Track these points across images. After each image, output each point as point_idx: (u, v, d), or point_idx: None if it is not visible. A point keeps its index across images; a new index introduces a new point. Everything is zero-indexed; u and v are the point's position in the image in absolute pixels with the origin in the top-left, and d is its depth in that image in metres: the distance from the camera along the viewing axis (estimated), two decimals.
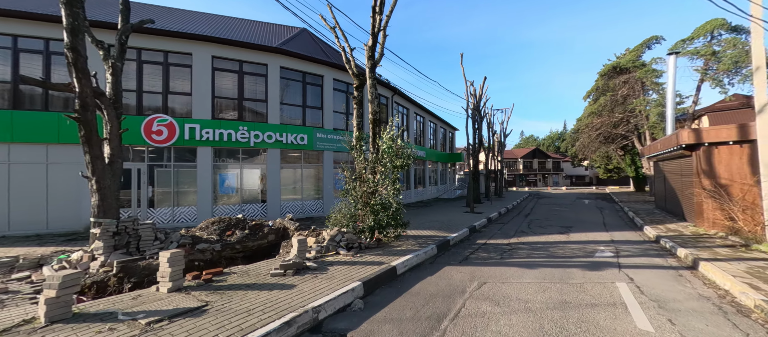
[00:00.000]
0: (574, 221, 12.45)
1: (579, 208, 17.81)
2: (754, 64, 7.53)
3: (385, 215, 6.62)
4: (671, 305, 3.98)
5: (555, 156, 64.53)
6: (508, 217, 14.06)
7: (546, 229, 10.49)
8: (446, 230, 9.12)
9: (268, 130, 12.63)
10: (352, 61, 8.31)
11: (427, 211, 15.25)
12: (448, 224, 10.59)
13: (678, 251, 6.80)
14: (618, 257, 6.62)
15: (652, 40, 30.69)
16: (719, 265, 5.44)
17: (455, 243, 7.95)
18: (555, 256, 6.66)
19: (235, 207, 12.42)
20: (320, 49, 15.99)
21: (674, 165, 13.01)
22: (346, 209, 6.89)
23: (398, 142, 7.02)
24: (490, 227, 10.93)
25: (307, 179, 14.18)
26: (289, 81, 13.70)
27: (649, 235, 9.35)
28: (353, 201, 6.84)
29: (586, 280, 5.01)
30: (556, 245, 7.74)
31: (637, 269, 5.67)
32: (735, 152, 9.20)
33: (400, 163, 6.88)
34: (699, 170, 9.86)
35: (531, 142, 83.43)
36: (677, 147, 10.66)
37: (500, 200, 22.42)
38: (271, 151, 12.88)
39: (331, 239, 6.15)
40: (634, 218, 12.71)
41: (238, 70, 12.58)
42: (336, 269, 4.86)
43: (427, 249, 6.42)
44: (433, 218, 12.10)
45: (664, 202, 15.27)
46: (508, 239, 8.60)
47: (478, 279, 5.01)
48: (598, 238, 8.82)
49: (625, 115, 29.64)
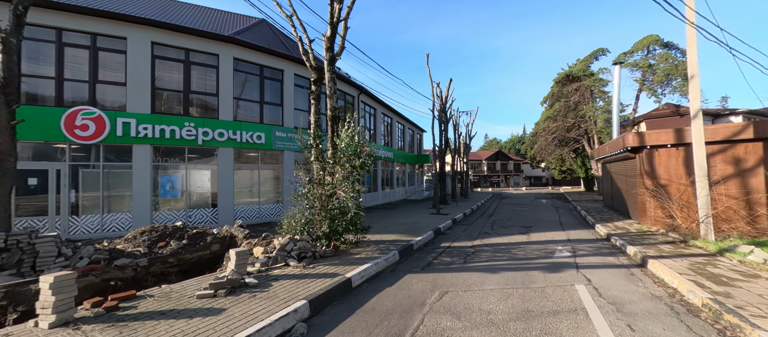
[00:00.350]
0: (534, 221, 12.83)
1: (538, 208, 18.61)
2: (690, 72, 8.15)
3: (343, 220, 6.08)
4: (628, 308, 3.94)
5: (516, 158, 68.16)
6: (472, 218, 14.18)
7: (508, 229, 10.62)
8: (411, 234, 8.80)
9: (219, 128, 11.47)
10: (310, 53, 7.67)
11: (393, 213, 14.93)
12: (413, 226, 10.31)
13: (628, 249, 7.08)
14: (575, 256, 6.72)
15: (598, 52, 33.43)
16: (665, 262, 5.66)
17: (419, 247, 7.64)
18: (517, 258, 6.59)
19: (180, 213, 11.10)
20: (280, 42, 15.02)
21: (620, 166, 13.99)
22: (300, 214, 6.24)
23: (357, 140, 6.53)
24: (455, 229, 10.84)
25: (266, 180, 13.16)
26: (245, 75, 12.61)
27: (601, 233, 9.80)
28: (308, 205, 6.22)
29: (548, 283, 4.90)
30: (518, 246, 7.74)
31: (593, 269, 5.72)
32: (672, 155, 9.96)
33: (360, 163, 6.40)
34: (642, 171, 10.57)
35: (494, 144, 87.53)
36: (623, 149, 11.38)
37: (466, 201, 22.84)
38: (224, 150, 11.73)
39: (280, 248, 5.48)
40: (586, 216, 13.42)
41: (184, 60, 11.28)
42: (281, 285, 4.23)
43: (388, 256, 6.00)
44: (399, 221, 11.78)
45: (611, 201, 16.44)
46: (472, 241, 8.49)
47: (440, 288, 4.68)
48: (556, 237, 9.03)
49: (577, 121, 31.93)
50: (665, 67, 28.49)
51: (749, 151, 8.76)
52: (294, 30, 7.65)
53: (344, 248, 6.42)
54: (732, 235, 8.10)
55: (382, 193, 21.76)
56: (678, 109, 27.29)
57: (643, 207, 10.39)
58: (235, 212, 11.98)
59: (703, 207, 7.77)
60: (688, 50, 8.10)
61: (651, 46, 30.20)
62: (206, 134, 11.24)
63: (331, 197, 6.38)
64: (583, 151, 34.01)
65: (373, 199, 19.80)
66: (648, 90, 29.38)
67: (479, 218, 14.23)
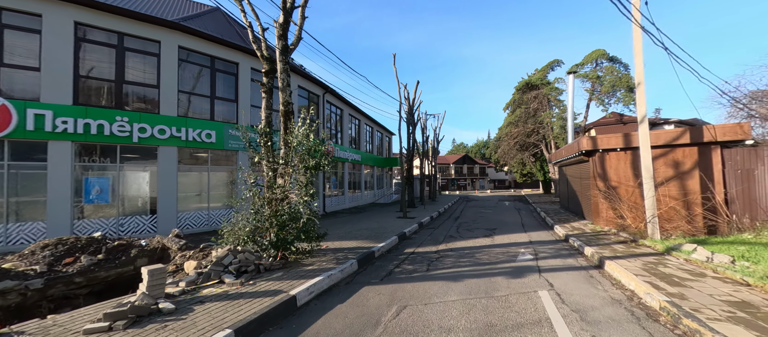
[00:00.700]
0: (497, 223, 12.97)
1: (501, 210, 19.07)
2: (636, 80, 8.60)
3: (294, 227, 5.41)
4: (591, 316, 3.76)
5: (481, 162, 70.81)
6: (439, 221, 14.05)
7: (473, 232, 10.54)
8: (374, 240, 8.31)
9: (160, 124, 10.15)
10: (262, 42, 6.93)
11: (359, 217, 14.35)
12: (377, 231, 9.83)
13: (585, 250, 7.19)
14: (537, 259, 6.65)
15: (554, 63, 35.74)
16: (620, 263, 5.73)
17: (381, 255, 7.15)
18: (481, 263, 6.36)
19: (111, 222, 9.61)
20: (236, 34, 13.87)
21: (575, 170, 14.71)
22: (243, 221, 5.46)
23: (312, 138, 5.91)
24: (420, 233, 10.53)
25: (217, 184, 11.93)
26: (193, 66, 11.37)
27: (559, 234, 10.03)
28: (253, 211, 5.46)
29: (511, 291, 4.66)
30: (482, 250, 7.57)
31: (554, 273, 5.63)
32: (621, 158, 10.53)
33: (314, 163, 5.77)
34: (595, 173, 11.06)
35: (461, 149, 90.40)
36: (578, 153, 11.89)
37: (434, 204, 22.89)
38: (166, 149, 10.40)
39: (216, 262, 4.68)
40: (545, 218, 13.87)
41: (116, 45, 9.85)
42: (205, 310, 3.49)
43: (344, 266, 5.43)
44: (363, 226, 11.23)
45: (567, 202, 17.29)
46: (436, 246, 8.19)
47: (398, 302, 4.22)
48: (519, 240, 9.06)
49: (536, 127, 33.75)
50: (611, 79, 31.13)
51: (686, 155, 9.46)
52: (244, 15, 6.87)
53: (295, 259, 5.73)
54: (675, 234, 8.64)
55: (349, 196, 21.08)
56: (622, 117, 29.86)
57: (597, 208, 10.86)
58: (178, 220, 10.66)
59: (650, 208, 8.18)
60: (635, 58, 8.55)
61: (599, 60, 32.87)
62: (143, 131, 9.88)
63: (283, 201, 5.68)
64: (541, 156, 36.00)
65: (339, 203, 19.06)
66: (597, 99, 31.89)
67: (446, 221, 14.15)
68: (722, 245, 6.36)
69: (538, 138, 33.96)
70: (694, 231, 8.62)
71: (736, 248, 5.90)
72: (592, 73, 32.38)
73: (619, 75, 31.22)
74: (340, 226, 11.33)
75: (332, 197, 18.40)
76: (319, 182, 16.58)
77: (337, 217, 14.72)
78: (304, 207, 5.47)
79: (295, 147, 5.89)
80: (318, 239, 6.00)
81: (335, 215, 15.48)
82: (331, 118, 19.00)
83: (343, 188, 20.17)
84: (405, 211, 14.20)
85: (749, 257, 5.38)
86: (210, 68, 11.68)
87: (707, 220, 8.73)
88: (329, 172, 17.88)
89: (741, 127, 8.71)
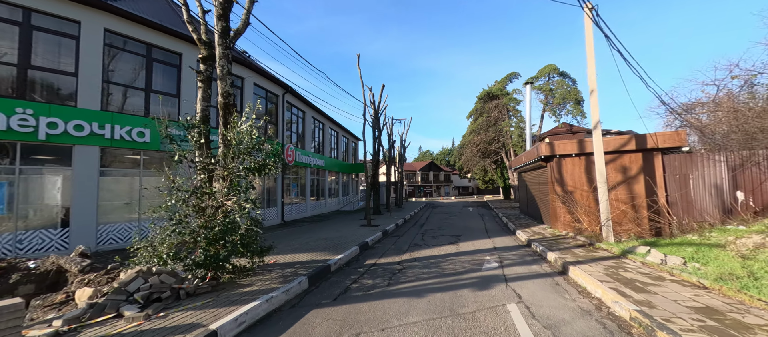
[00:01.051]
0: (462, 229, 12.83)
1: (465, 216, 19.22)
2: (589, 87, 8.92)
3: (230, 240, 4.51)
4: (564, 332, 3.41)
5: (446, 169, 72.69)
6: (404, 228, 13.61)
7: (438, 239, 10.20)
8: (331, 251, 7.54)
9: (77, 118, 8.52)
10: (202, 25, 5.98)
11: (320, 226, 13.42)
12: (337, 241, 9.06)
13: (548, 255, 7.10)
14: (502, 267, 6.38)
15: (512, 76, 37.88)
16: (583, 268, 5.62)
17: (338, 268, 6.42)
18: (446, 273, 5.92)
19: (4, 237, 7.74)
20: (182, 22, 12.41)
21: (534, 175, 15.21)
22: (162, 234, 4.44)
23: (254, 136, 5.08)
24: (384, 242, 9.95)
25: (153, 191, 10.32)
26: (126, 54, 9.83)
27: (522, 239, 10.05)
28: (176, 222, 4.46)
29: (479, 306, 4.22)
30: (447, 259, 7.17)
31: (521, 282, 5.34)
32: (576, 164, 10.93)
33: (256, 164, 4.94)
34: (553, 178, 11.37)
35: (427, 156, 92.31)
36: (537, 159, 12.20)
37: (400, 211, 22.53)
38: (84, 149, 8.74)
39: (116, 289, 3.64)
40: (507, 223, 14.07)
41: (20, 22, 8.13)
42: None
43: (291, 285, 4.64)
44: (322, 235, 10.38)
45: (527, 207, 17.88)
46: (400, 256, 7.65)
47: (350, 329, 3.55)
48: (484, 246, 8.85)
49: (496, 135, 35.25)
50: (562, 92, 33.63)
51: (633, 161, 10.04)
52: None
53: (230, 279, 4.80)
54: (626, 236, 8.98)
55: (312, 204, 19.94)
56: (571, 127, 32.27)
57: (555, 212, 11.14)
58: (99, 234, 8.97)
59: (604, 211, 8.43)
60: (588, 67, 8.89)
61: (551, 74, 35.41)
62: (54, 127, 8.20)
63: (218, 209, 4.76)
64: (502, 163, 37.61)
65: (299, 211, 17.87)
66: (550, 110, 34.22)
67: (411, 227, 13.75)
68: (671, 246, 6.59)
69: (499, 146, 35.46)
70: (643, 233, 9.05)
71: (685, 250, 6.11)
72: (545, 86, 34.73)
73: (569, 89, 33.85)
74: (296, 236, 10.36)
75: (292, 205, 17.19)
76: (278, 188, 15.37)
77: (297, 226, 13.65)
78: (242, 216, 4.60)
79: (235, 145, 5.01)
80: (261, 253, 5.13)
81: (295, 224, 14.37)
82: (293, 120, 17.90)
83: (304, 195, 19.02)
84: (369, 218, 13.57)
85: (698, 258, 5.54)
86: (145, 57, 10.19)
87: (653, 222, 9.24)
88: (291, 178, 16.69)
89: (678, 135, 9.42)
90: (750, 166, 8.23)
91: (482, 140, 36.07)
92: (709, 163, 8.89)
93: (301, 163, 17.87)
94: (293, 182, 17.73)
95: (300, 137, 18.84)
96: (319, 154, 21.29)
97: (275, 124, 15.72)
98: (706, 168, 8.92)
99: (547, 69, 35.79)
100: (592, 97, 8.84)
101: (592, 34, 8.86)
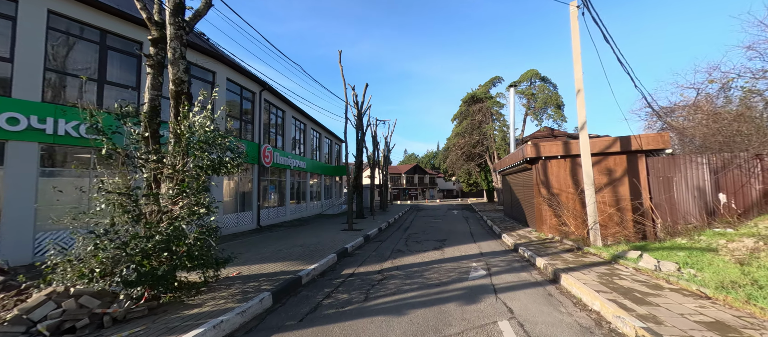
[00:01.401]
0: (447, 233, 12.40)
1: (450, 219, 18.89)
2: (576, 86, 8.71)
3: (172, 253, 3.75)
4: None
5: (431, 172, 72.87)
6: (388, 233, 13.02)
7: (423, 244, 9.68)
8: (305, 260, 6.85)
9: (10, 110, 7.42)
10: (156, 4, 5.21)
11: (298, 231, 12.62)
12: (313, 249, 8.35)
13: (537, 261, 6.72)
14: (491, 275, 5.91)
15: (495, 80, 38.36)
16: (576, 276, 5.23)
17: (311, 280, 5.74)
18: (430, 284, 5.38)
19: None
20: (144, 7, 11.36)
21: (519, 178, 15.04)
22: (84, 246, 3.64)
23: (208, 128, 4.36)
24: (365, 248, 9.32)
25: (75, 193, 9.21)
26: (76, 40, 8.77)
27: (508, 243, 9.69)
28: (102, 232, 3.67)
29: (467, 324, 3.69)
30: (432, 268, 6.64)
31: (512, 293, 4.87)
32: (562, 166, 10.74)
33: (210, 162, 4.22)
34: (538, 181, 11.14)
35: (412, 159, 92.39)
36: (522, 161, 11.97)
37: (384, 214, 21.95)
38: (19, 145, 7.62)
39: (13, 318, 2.84)
40: (492, 226, 13.78)
41: None
42: None
43: (250, 304, 3.94)
44: (300, 242, 9.63)
45: (511, 210, 17.74)
46: (381, 264, 7.05)
47: None
48: (470, 252, 8.39)
49: (480, 138, 35.46)
50: (543, 97, 34.30)
51: (617, 163, 9.93)
52: None
53: (174, 299, 4.03)
54: (612, 239, 8.79)
55: (292, 207, 19.01)
56: (553, 131, 32.84)
57: (541, 215, 10.88)
58: (37, 243, 7.84)
59: (592, 214, 8.18)
60: (575, 65, 8.69)
61: (533, 79, 36.08)
62: None
63: (163, 215, 4.00)
64: (486, 166, 37.86)
65: (278, 215, 16.93)
66: (532, 114, 34.81)
67: (395, 232, 13.18)
68: (662, 250, 6.35)
69: (483, 149, 35.67)
70: (629, 236, 8.89)
71: (677, 254, 5.86)
72: (527, 90, 35.32)
73: (550, 93, 34.58)
74: (270, 243, 9.55)
75: (270, 209, 16.24)
76: (254, 191, 14.43)
77: (273, 231, 12.78)
78: (192, 223, 3.86)
79: (185, 139, 4.28)
80: (217, 265, 4.39)
81: (271, 229, 13.48)
82: (271, 120, 16.99)
83: (283, 199, 18.09)
84: (351, 223, 12.89)
85: (692, 263, 5.28)
86: (99, 44, 9.14)
87: (639, 225, 9.10)
88: (268, 181, 15.75)
89: (662, 137, 9.37)
90: (732, 168, 8.23)
91: (467, 143, 36.19)
92: (691, 165, 8.86)
93: (280, 164, 16.96)
94: (271, 184, 16.79)
95: (279, 138, 17.93)
96: (300, 156, 20.42)
97: (251, 124, 14.80)
98: (689, 170, 8.89)
99: (529, 74, 36.46)
100: (579, 97, 8.62)
101: (579, 33, 8.67)
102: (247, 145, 13.85)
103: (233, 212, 13.15)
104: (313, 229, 13.36)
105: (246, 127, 14.42)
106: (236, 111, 13.78)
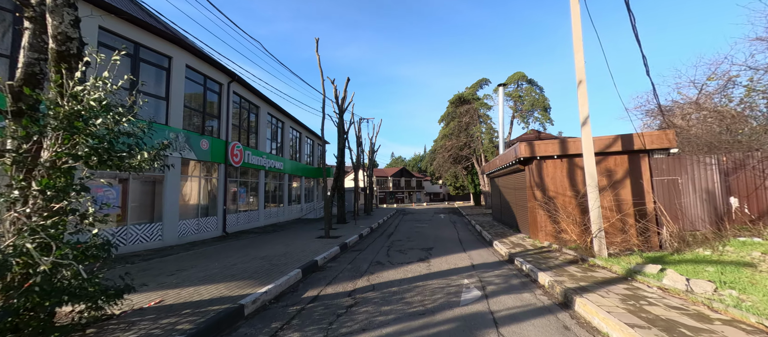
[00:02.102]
0: (434, 240, 11.29)
1: (437, 224, 17.85)
2: (577, 77, 7.81)
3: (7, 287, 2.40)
4: None
5: (418, 175, 72.15)
6: (369, 239, 11.79)
7: (406, 254, 8.51)
8: (259, 279, 5.53)
9: None
10: None
11: (267, 239, 11.19)
12: (277, 261, 7.02)
13: (539, 277, 5.67)
14: (487, 297, 4.79)
15: (482, 81, 37.96)
16: (593, 299, 4.17)
17: (258, 309, 4.44)
18: (412, 313, 4.19)
19: None
20: None
21: (510, 180, 14.14)
22: None
23: (96, 95, 3.05)
24: (340, 259, 8.05)
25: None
26: None
27: (501, 252, 8.65)
28: None
29: None
30: (416, 287, 5.46)
31: (517, 327, 3.75)
32: (558, 166, 9.85)
33: (88, 149, 2.90)
34: (532, 183, 10.20)
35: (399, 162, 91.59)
36: (514, 161, 11.03)
37: (368, 218, 20.71)
38: None
39: None
40: (481, 232, 12.79)
41: None
42: None
43: None
44: (263, 252, 8.25)
45: (501, 214, 16.85)
46: (354, 282, 5.81)
47: None
48: (460, 264, 7.27)
49: (468, 140, 34.84)
50: (530, 99, 34.08)
51: (618, 164, 9.11)
52: None
53: None
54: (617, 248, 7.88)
55: (266, 211, 17.45)
56: (539, 134, 32.58)
57: (535, 221, 9.94)
58: None
59: (596, 220, 7.25)
60: (576, 54, 7.80)
61: (520, 81, 35.87)
62: None
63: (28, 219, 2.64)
64: (473, 169, 37.26)
65: (249, 220, 15.37)
66: (519, 116, 34.53)
67: (377, 238, 11.97)
68: (684, 264, 5.43)
69: (470, 151, 35.04)
70: (633, 245, 8.02)
71: (705, 270, 4.93)
72: (514, 92, 35.04)
73: (537, 96, 34.41)
74: (227, 254, 8.12)
75: (240, 213, 14.67)
76: (219, 193, 12.88)
77: (239, 239, 11.30)
78: (60, 235, 2.53)
79: (67, 114, 2.94)
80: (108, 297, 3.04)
81: (237, 237, 11.98)
82: (242, 115, 15.46)
83: (258, 202, 16.53)
84: (328, 229, 11.55)
85: (731, 282, 4.34)
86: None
87: (644, 232, 8.26)
88: (239, 182, 14.20)
89: (667, 135, 8.61)
90: (745, 170, 7.51)
91: (454, 146, 35.49)
92: (699, 166, 8.11)
93: (252, 165, 15.44)
94: (242, 186, 15.24)
95: (253, 136, 16.40)
96: (277, 156, 18.90)
97: (217, 118, 13.28)
98: (697, 172, 8.14)
99: (516, 76, 36.25)
100: (580, 89, 7.72)
101: (580, 18, 7.79)
102: (211, 142, 12.32)
103: (194, 217, 11.59)
104: (286, 236, 11.96)
105: (209, 122, 12.90)
106: (198, 104, 12.24)
